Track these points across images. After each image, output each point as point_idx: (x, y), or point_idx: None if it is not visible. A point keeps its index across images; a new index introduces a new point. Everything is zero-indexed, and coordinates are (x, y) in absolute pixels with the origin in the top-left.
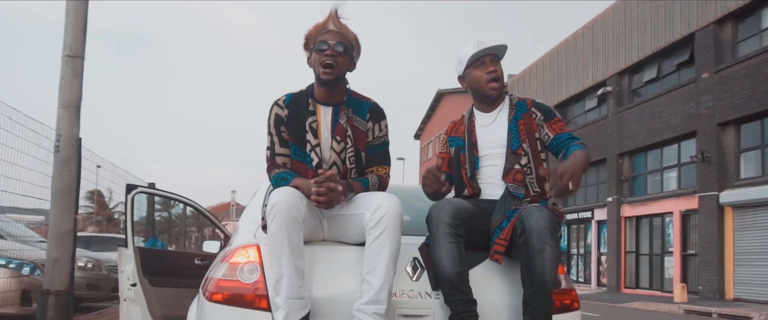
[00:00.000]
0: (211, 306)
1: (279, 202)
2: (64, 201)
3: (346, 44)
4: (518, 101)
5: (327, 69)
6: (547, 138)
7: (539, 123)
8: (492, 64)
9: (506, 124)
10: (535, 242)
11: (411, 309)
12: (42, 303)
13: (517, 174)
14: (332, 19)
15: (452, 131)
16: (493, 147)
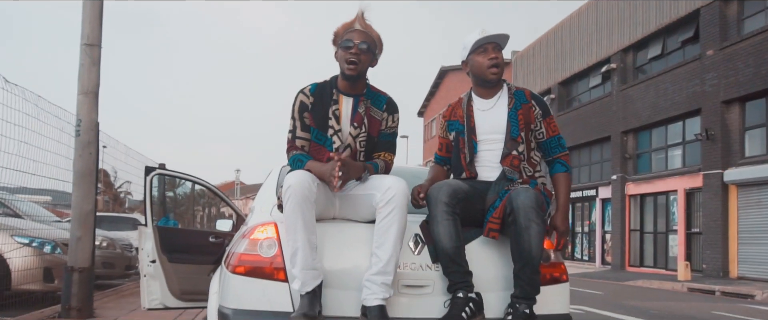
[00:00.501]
0: (234, 277)
1: (293, 184)
2: (86, 183)
3: (369, 43)
4: (517, 91)
5: (351, 65)
6: (541, 136)
7: (537, 117)
8: (494, 51)
9: (506, 111)
10: (523, 220)
11: (413, 280)
12: (67, 279)
13: (514, 160)
14: (359, 19)
15: (451, 115)
16: (492, 133)
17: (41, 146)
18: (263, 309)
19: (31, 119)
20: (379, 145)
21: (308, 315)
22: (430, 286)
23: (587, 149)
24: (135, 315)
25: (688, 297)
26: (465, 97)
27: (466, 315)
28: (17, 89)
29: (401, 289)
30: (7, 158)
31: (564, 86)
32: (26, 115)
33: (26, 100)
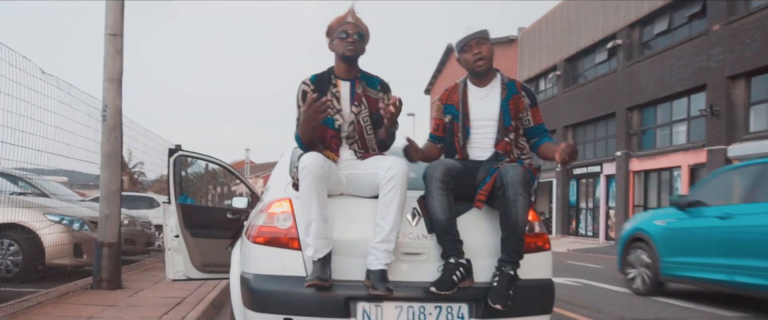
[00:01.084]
0: (254, 246)
1: (308, 164)
2: (112, 164)
3: (361, 33)
4: (509, 82)
5: (350, 47)
6: (528, 123)
7: (526, 107)
8: (477, 46)
9: (498, 101)
10: (511, 193)
11: (411, 248)
12: (97, 253)
13: (507, 145)
14: (351, 13)
15: (447, 99)
16: (485, 119)
17: (72, 130)
18: (280, 274)
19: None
20: (380, 123)
21: (321, 278)
22: (426, 254)
23: (592, 125)
24: (159, 286)
25: None
26: (461, 83)
27: (456, 279)
28: (52, 79)
29: (400, 256)
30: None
31: (570, 63)
32: (60, 102)
33: (60, 89)
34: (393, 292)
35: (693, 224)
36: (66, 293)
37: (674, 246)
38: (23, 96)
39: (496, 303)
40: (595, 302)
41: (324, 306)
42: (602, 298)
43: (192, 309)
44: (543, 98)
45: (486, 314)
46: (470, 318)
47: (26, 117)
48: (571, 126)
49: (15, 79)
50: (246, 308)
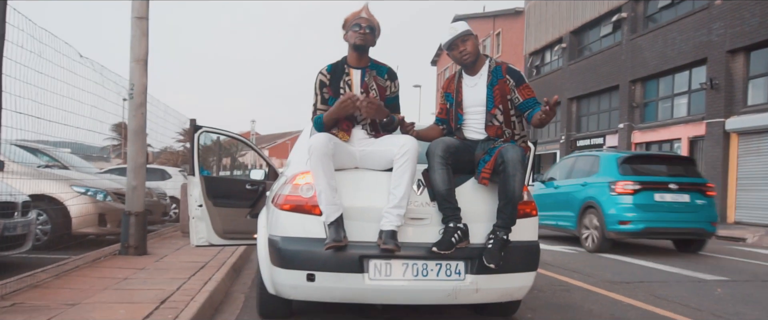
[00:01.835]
0: (281, 213)
1: (314, 144)
2: (139, 139)
3: (373, 27)
4: (495, 67)
5: (361, 37)
6: (517, 101)
7: (511, 88)
8: (462, 44)
9: (485, 87)
10: (511, 169)
11: (416, 214)
12: (125, 221)
13: (497, 129)
14: (365, 10)
15: (447, 88)
16: (475, 105)
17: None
18: (303, 236)
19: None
20: (387, 107)
21: (336, 240)
22: (429, 219)
23: (596, 97)
24: (181, 252)
25: None
26: (457, 73)
27: (455, 240)
28: (88, 61)
29: (406, 221)
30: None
31: (575, 35)
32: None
33: (94, 70)
34: (400, 249)
35: (545, 192)
36: (98, 258)
37: (539, 206)
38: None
39: (490, 263)
40: (586, 267)
41: (341, 263)
42: (592, 263)
43: (216, 271)
44: (548, 70)
45: (480, 270)
46: (466, 273)
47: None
48: (576, 98)
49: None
50: (273, 266)
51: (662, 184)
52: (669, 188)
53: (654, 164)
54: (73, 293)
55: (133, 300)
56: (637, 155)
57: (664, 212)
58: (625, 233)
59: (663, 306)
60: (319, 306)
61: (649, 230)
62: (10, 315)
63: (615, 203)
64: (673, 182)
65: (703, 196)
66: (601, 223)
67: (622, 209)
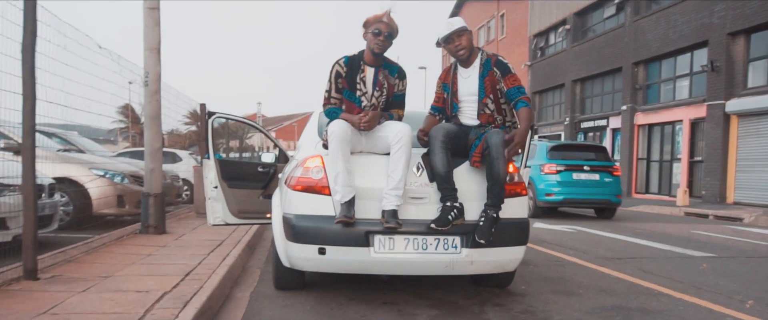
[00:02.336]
0: (293, 193)
1: (335, 130)
2: (155, 125)
3: (392, 33)
4: (486, 59)
5: (380, 45)
6: (503, 90)
7: (499, 79)
8: (458, 39)
9: (477, 79)
10: (495, 153)
11: (416, 194)
12: (144, 202)
13: (489, 117)
14: (387, 15)
15: (444, 78)
16: (469, 95)
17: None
18: (314, 214)
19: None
20: (393, 104)
21: (347, 216)
22: (428, 198)
23: (600, 79)
24: (197, 231)
25: (681, 220)
26: (453, 65)
27: (451, 218)
28: (105, 52)
29: (407, 200)
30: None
31: (579, 17)
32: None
33: (112, 60)
34: (402, 226)
35: None
36: (121, 237)
37: None
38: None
39: (480, 239)
40: (582, 244)
41: (349, 237)
42: (590, 241)
43: (233, 248)
44: (553, 51)
45: (474, 245)
46: (462, 247)
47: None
48: (580, 80)
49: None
50: (288, 241)
51: (579, 166)
52: (584, 169)
53: (574, 151)
54: (104, 267)
55: (160, 273)
56: (562, 144)
57: (580, 188)
58: (551, 203)
59: (648, 279)
60: (329, 278)
61: (568, 200)
62: (53, 286)
63: (543, 180)
64: (587, 165)
65: (611, 175)
66: (534, 195)
67: (549, 185)
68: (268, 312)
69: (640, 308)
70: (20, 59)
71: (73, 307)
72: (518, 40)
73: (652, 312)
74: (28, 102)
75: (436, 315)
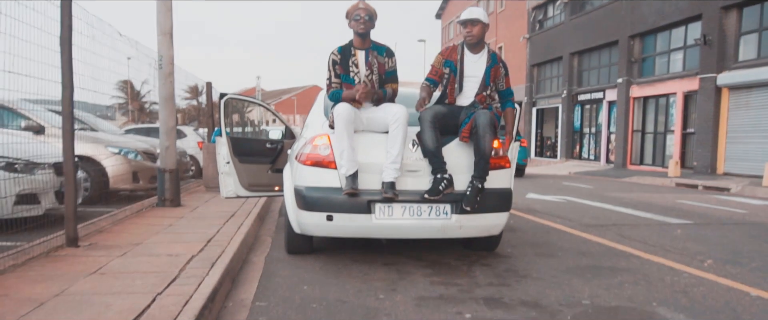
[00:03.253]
0: (304, 167)
1: (341, 112)
2: (169, 105)
3: (371, 15)
4: (493, 54)
5: (362, 25)
6: (501, 86)
7: (501, 75)
8: (471, 26)
9: (484, 66)
10: (482, 131)
11: (412, 167)
12: (160, 178)
13: (486, 98)
14: (362, 1)
15: (448, 55)
16: (473, 76)
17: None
18: (322, 186)
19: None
20: (386, 80)
21: (352, 187)
22: (421, 171)
23: (597, 52)
24: (210, 203)
25: (670, 190)
26: (460, 47)
27: (442, 188)
28: (125, 39)
29: (404, 173)
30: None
31: None
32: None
33: (131, 46)
34: (399, 196)
35: None
36: (140, 209)
37: None
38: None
39: (467, 206)
40: (570, 213)
41: (353, 206)
42: (577, 210)
43: (245, 218)
44: (551, 24)
45: (463, 211)
46: (452, 214)
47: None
48: (577, 53)
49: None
50: (299, 209)
51: None
52: None
53: None
54: (132, 236)
55: (184, 240)
56: None
57: None
58: None
59: (624, 243)
60: (334, 244)
61: None
62: (93, 252)
63: None
64: None
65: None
66: None
67: None
68: (283, 273)
69: (610, 267)
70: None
71: (117, 268)
72: (517, 13)
73: (619, 270)
74: (67, 90)
75: (430, 273)
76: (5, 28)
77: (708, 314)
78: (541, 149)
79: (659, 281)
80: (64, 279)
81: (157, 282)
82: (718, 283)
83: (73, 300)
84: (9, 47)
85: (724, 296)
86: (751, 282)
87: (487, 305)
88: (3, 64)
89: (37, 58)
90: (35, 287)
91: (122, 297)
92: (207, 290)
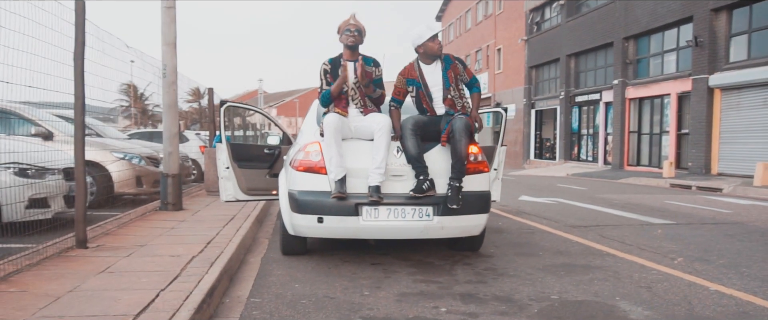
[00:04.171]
0: (297, 173)
1: (329, 121)
2: (172, 112)
3: (360, 30)
4: (445, 56)
5: (352, 38)
6: (465, 79)
7: (461, 70)
8: (437, 39)
9: (440, 72)
10: (458, 136)
11: (396, 172)
12: (163, 182)
13: (451, 101)
14: (353, 18)
15: (408, 74)
16: (435, 85)
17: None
18: (313, 190)
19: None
20: (374, 86)
21: (341, 191)
22: (405, 175)
23: (593, 54)
24: (211, 207)
25: (663, 191)
26: (415, 63)
27: (425, 187)
28: (132, 50)
29: (389, 177)
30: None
31: None
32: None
33: (139, 58)
34: (383, 199)
35: None
36: (144, 213)
37: None
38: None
39: (453, 204)
40: (557, 214)
41: (342, 209)
42: (565, 211)
43: (244, 221)
44: (548, 26)
45: (444, 213)
46: (434, 215)
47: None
48: (574, 55)
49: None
50: (293, 212)
51: None
52: None
53: None
54: (137, 238)
55: (186, 242)
56: None
57: None
58: None
59: (603, 243)
60: (327, 245)
61: None
62: (101, 252)
63: None
64: None
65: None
66: None
67: None
68: (277, 272)
69: (584, 265)
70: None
71: (124, 267)
72: (515, 15)
73: (592, 267)
74: (79, 101)
75: (414, 272)
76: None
77: (665, 307)
78: (540, 151)
79: (627, 278)
80: (76, 277)
81: (160, 279)
82: (682, 279)
83: (85, 295)
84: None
85: (684, 291)
86: (714, 277)
87: (462, 300)
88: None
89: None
90: (51, 284)
91: (129, 292)
92: (206, 286)
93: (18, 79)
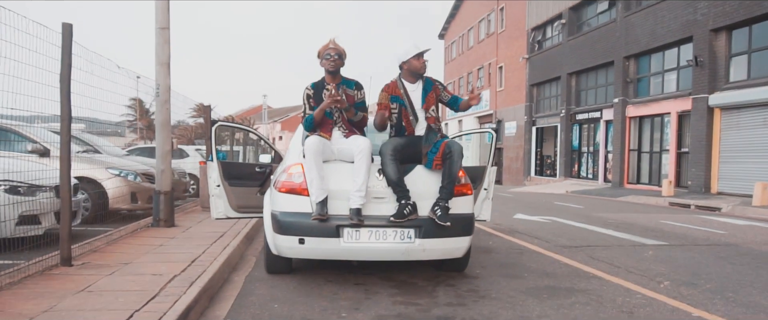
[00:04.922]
0: (279, 194)
1: (309, 145)
2: (165, 131)
3: (340, 54)
4: (427, 79)
5: (332, 64)
6: (446, 98)
7: (441, 90)
8: (423, 57)
9: (421, 92)
10: (456, 158)
11: (378, 194)
12: (156, 199)
13: (434, 119)
14: (332, 42)
15: (392, 91)
16: (418, 104)
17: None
18: (295, 211)
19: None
20: (356, 109)
21: (321, 213)
22: (387, 197)
23: (594, 73)
24: (203, 224)
25: (661, 210)
26: (398, 81)
27: (406, 212)
28: (124, 71)
29: (371, 200)
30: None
31: (574, 12)
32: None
33: (130, 77)
34: (364, 222)
35: None
36: (136, 230)
37: None
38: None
39: (445, 222)
40: (549, 234)
41: (323, 230)
42: (558, 231)
43: (233, 239)
44: (549, 45)
45: (426, 235)
46: (415, 238)
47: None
48: (575, 73)
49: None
50: (275, 233)
51: None
52: None
53: None
54: (123, 255)
55: (171, 260)
56: None
57: None
58: None
59: (591, 265)
60: (313, 264)
61: None
62: (85, 270)
63: None
64: None
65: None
66: None
67: None
68: (259, 292)
69: (568, 288)
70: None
71: (104, 286)
72: (516, 34)
73: (576, 291)
74: (65, 122)
75: (395, 293)
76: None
77: None
78: (540, 168)
79: (610, 302)
80: (54, 297)
81: (137, 299)
82: (666, 304)
83: (58, 316)
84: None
85: (666, 316)
86: (698, 302)
87: None
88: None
89: None
90: (27, 303)
91: (102, 313)
92: (181, 307)
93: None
